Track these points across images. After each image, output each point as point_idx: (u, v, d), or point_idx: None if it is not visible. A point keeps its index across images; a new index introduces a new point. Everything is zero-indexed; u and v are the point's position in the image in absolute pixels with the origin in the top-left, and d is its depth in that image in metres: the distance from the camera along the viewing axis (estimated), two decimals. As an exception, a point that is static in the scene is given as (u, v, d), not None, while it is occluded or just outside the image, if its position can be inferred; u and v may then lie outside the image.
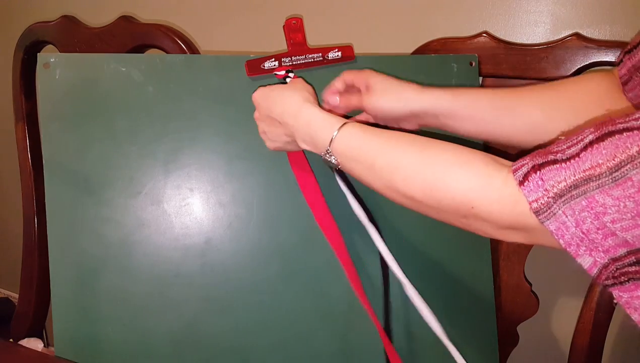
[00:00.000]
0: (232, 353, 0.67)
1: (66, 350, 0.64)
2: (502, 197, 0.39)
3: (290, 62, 0.68)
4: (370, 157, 0.49)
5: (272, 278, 0.69)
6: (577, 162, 0.36)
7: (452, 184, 0.43)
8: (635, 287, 0.37)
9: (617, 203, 0.34)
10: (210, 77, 0.68)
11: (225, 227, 0.68)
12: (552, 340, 0.95)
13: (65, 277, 0.65)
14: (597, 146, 0.35)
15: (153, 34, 0.82)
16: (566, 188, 0.36)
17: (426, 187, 0.45)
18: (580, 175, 0.35)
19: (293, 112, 0.57)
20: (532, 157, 0.39)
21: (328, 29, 0.99)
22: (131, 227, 0.66)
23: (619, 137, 0.34)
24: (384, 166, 0.48)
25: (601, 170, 0.34)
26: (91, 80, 0.66)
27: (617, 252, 0.36)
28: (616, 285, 0.37)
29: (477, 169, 0.42)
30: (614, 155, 0.34)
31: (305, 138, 0.56)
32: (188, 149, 0.68)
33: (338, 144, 0.52)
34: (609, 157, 0.34)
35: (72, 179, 0.65)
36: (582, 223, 0.36)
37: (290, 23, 0.67)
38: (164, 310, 0.66)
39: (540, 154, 0.39)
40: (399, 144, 0.48)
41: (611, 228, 0.35)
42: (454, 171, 0.43)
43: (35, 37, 0.87)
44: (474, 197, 0.41)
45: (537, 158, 0.38)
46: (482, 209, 0.41)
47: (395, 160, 0.47)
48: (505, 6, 0.85)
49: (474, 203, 0.41)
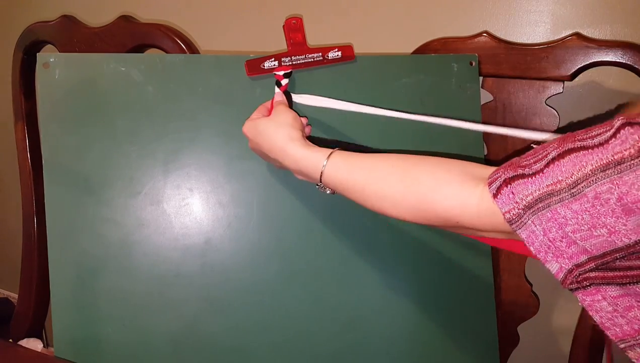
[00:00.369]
0: (232, 353, 0.67)
1: (66, 350, 0.64)
2: (480, 211, 0.44)
3: (290, 61, 0.68)
4: (358, 187, 0.53)
5: (272, 278, 0.69)
6: (541, 177, 0.40)
7: (436, 206, 0.47)
8: (596, 291, 0.40)
9: (575, 216, 0.38)
10: (210, 77, 0.68)
11: (224, 227, 0.68)
12: (553, 341, 0.95)
13: (64, 277, 0.64)
14: (558, 163, 0.39)
15: (153, 34, 0.82)
16: (533, 201, 0.40)
17: (413, 210, 0.49)
18: (544, 189, 0.39)
19: (279, 151, 0.59)
20: (504, 170, 0.43)
21: (328, 28, 0.99)
22: (131, 227, 0.66)
23: (576, 155, 0.38)
24: (371, 195, 0.52)
25: (561, 186, 0.38)
26: (91, 80, 0.66)
27: (579, 259, 0.40)
28: (579, 289, 0.41)
29: (454, 188, 0.46)
30: (571, 172, 0.38)
31: (298, 173, 0.59)
32: (188, 149, 0.67)
33: (327, 178, 0.56)
34: (568, 174, 0.38)
35: (71, 178, 0.65)
36: (549, 232, 0.40)
37: (290, 23, 0.67)
38: (163, 310, 0.66)
39: (511, 166, 0.43)
40: (382, 174, 0.52)
41: (572, 238, 0.39)
42: (435, 193, 0.47)
43: (35, 37, 0.87)
44: (456, 214, 0.46)
45: (508, 171, 0.42)
46: (466, 223, 0.45)
47: (381, 190, 0.51)
48: (505, 6, 0.84)
49: (458, 219, 0.46)
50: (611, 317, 0.40)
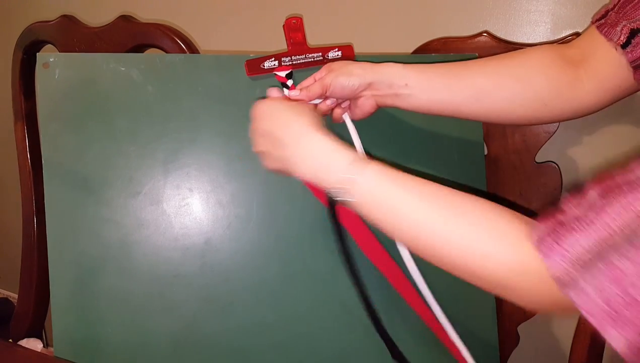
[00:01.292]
0: (232, 354, 0.67)
1: (65, 350, 0.64)
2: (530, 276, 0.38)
3: (290, 61, 0.67)
4: (393, 212, 0.46)
5: (272, 279, 0.69)
6: (590, 226, 0.34)
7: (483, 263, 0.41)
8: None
9: (637, 267, 0.31)
10: (210, 76, 0.68)
11: (224, 228, 0.68)
12: (553, 341, 0.94)
13: (64, 277, 0.64)
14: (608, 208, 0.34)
15: (152, 34, 0.82)
16: (584, 253, 0.34)
17: (454, 260, 0.44)
18: (596, 239, 0.33)
19: (295, 136, 0.53)
20: (551, 226, 0.37)
21: (328, 28, 0.99)
22: (130, 227, 0.66)
23: (624, 196, 0.33)
24: (405, 228, 0.46)
25: (614, 232, 0.33)
26: (90, 80, 0.66)
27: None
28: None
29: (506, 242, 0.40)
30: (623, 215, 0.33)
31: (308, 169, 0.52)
32: (187, 149, 0.67)
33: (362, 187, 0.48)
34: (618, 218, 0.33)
35: (71, 178, 0.65)
36: (604, 291, 0.33)
37: (290, 22, 0.66)
38: (163, 311, 0.66)
39: (555, 221, 0.37)
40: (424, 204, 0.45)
41: (634, 297, 0.32)
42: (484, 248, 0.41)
43: (35, 37, 0.87)
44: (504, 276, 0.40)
45: (555, 226, 0.37)
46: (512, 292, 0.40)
47: (420, 225, 0.45)
48: (505, 6, 0.84)
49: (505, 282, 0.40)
50: None
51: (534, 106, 0.58)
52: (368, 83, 0.62)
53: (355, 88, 0.62)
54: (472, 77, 0.60)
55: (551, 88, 0.57)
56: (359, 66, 0.62)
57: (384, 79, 0.61)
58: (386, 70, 0.62)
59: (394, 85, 0.61)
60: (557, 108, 0.59)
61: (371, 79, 0.61)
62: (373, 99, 0.64)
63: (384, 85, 0.62)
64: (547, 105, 0.58)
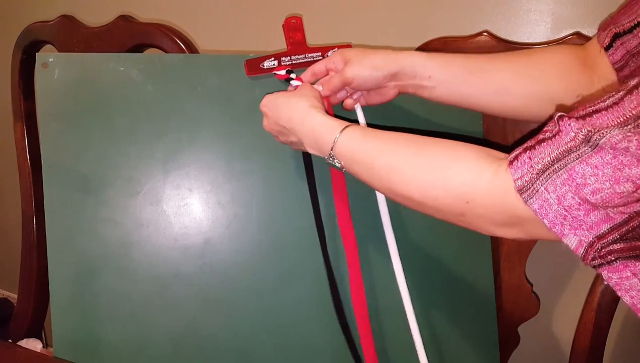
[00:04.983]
0: (232, 354, 0.67)
1: (65, 350, 0.64)
2: (492, 188, 0.40)
3: (289, 61, 0.67)
4: (369, 159, 0.51)
5: (271, 279, 0.68)
6: (560, 136, 0.36)
7: (446, 181, 0.44)
8: (624, 267, 0.36)
9: (595, 172, 0.34)
10: (210, 76, 0.68)
11: (224, 227, 0.68)
12: (553, 341, 0.94)
13: (64, 277, 0.64)
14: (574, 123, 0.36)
15: (152, 34, 0.82)
16: (549, 162, 0.36)
17: (422, 187, 0.46)
18: (563, 148, 0.36)
19: (300, 119, 0.58)
20: (526, 142, 0.40)
21: (328, 28, 0.99)
22: (130, 227, 0.66)
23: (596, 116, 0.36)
24: (382, 168, 0.49)
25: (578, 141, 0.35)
26: (90, 80, 0.66)
27: (600, 229, 0.35)
28: (604, 265, 0.37)
29: (469, 163, 0.43)
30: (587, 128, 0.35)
31: (311, 143, 0.57)
32: (187, 149, 0.67)
33: (339, 148, 0.53)
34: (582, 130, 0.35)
35: (70, 178, 0.65)
36: (564, 199, 0.35)
37: (289, 22, 0.66)
38: (163, 311, 0.66)
39: (532, 138, 0.40)
40: (396, 145, 0.50)
41: (592, 201, 0.34)
42: (447, 168, 0.44)
43: (34, 37, 0.87)
44: (466, 191, 0.42)
45: (529, 142, 0.40)
46: (475, 203, 0.42)
47: (393, 162, 0.49)
48: (505, 5, 0.84)
49: (468, 197, 0.42)
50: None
51: (551, 106, 0.59)
52: (393, 74, 0.62)
53: (379, 81, 0.62)
54: (494, 73, 0.61)
55: (568, 90, 0.58)
56: (380, 56, 0.62)
57: (408, 70, 0.61)
58: (409, 60, 0.61)
59: (417, 76, 0.61)
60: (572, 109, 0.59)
61: (395, 69, 0.61)
62: (396, 88, 0.64)
63: (408, 76, 0.62)
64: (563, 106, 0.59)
